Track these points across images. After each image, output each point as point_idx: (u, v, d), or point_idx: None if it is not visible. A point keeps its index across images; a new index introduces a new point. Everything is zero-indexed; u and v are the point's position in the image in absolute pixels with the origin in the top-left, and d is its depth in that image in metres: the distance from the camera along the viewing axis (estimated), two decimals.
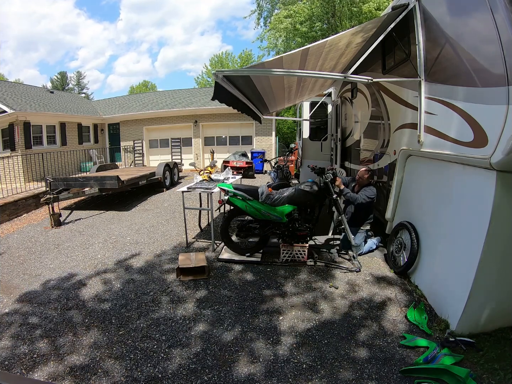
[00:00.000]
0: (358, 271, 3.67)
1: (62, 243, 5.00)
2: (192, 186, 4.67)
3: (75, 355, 2.46)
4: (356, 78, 3.49)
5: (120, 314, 2.98)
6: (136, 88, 36.66)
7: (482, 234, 2.40)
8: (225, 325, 2.79)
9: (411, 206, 3.64)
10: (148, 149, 15.03)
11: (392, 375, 2.22)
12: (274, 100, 6.16)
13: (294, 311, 2.97)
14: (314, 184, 3.97)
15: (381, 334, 2.65)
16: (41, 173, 9.03)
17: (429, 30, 3.19)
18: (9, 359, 2.42)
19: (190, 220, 5.69)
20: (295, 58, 3.47)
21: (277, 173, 7.50)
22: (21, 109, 11.00)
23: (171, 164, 9.74)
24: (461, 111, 2.65)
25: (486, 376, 2.17)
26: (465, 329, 2.53)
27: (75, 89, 36.50)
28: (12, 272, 4.02)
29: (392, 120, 4.16)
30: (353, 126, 6.12)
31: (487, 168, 2.38)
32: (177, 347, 2.52)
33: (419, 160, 3.50)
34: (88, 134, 14.64)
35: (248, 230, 4.20)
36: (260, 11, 17.60)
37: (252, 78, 3.81)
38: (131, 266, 4.02)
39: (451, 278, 2.78)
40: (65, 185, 6.87)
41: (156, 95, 18.07)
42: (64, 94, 19.10)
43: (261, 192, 3.97)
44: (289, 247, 3.97)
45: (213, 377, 2.23)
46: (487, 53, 2.42)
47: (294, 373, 2.26)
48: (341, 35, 3.40)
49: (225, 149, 14.14)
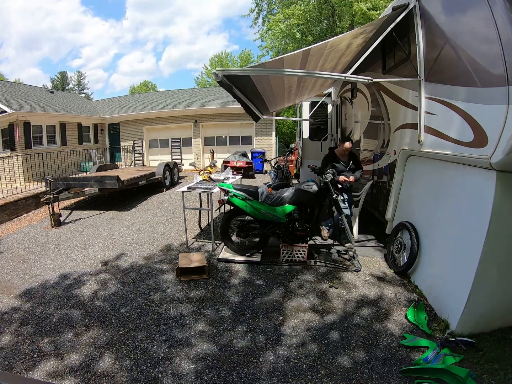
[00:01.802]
0: (358, 271, 3.67)
1: (62, 243, 5.00)
2: (192, 186, 4.67)
3: (75, 355, 2.46)
4: (356, 78, 3.49)
5: (120, 314, 2.98)
6: (137, 88, 36.70)
7: (482, 234, 2.40)
8: (225, 325, 2.79)
9: (411, 206, 3.63)
10: (148, 149, 15.02)
11: (392, 375, 2.22)
12: (274, 100, 6.16)
13: (294, 311, 2.97)
14: (314, 184, 3.97)
15: (381, 334, 2.64)
16: (41, 173, 9.02)
17: (429, 30, 3.19)
18: (9, 358, 2.42)
19: (190, 220, 5.69)
20: (296, 58, 3.47)
21: (277, 173, 7.50)
22: (21, 109, 10.99)
23: (171, 164, 9.73)
24: (461, 111, 2.65)
25: (486, 376, 2.17)
26: (465, 329, 2.53)
27: (76, 89, 36.51)
28: (12, 272, 4.02)
29: (392, 120, 4.16)
30: (353, 126, 6.13)
31: (487, 168, 2.38)
32: (177, 347, 2.52)
33: (419, 160, 3.50)
34: (88, 134, 14.64)
35: (248, 230, 4.21)
36: (259, 10, 17.62)
37: (252, 78, 3.81)
38: (131, 266, 4.02)
39: (451, 278, 2.78)
40: (65, 185, 6.86)
41: (156, 95, 18.07)
42: (64, 94, 19.10)
43: (261, 192, 3.97)
44: (289, 247, 3.97)
45: (213, 377, 2.23)
46: (487, 53, 2.42)
47: (294, 373, 2.26)
48: (342, 37, 3.40)
49: (225, 149, 14.14)
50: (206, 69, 31.32)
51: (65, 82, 36.51)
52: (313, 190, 3.91)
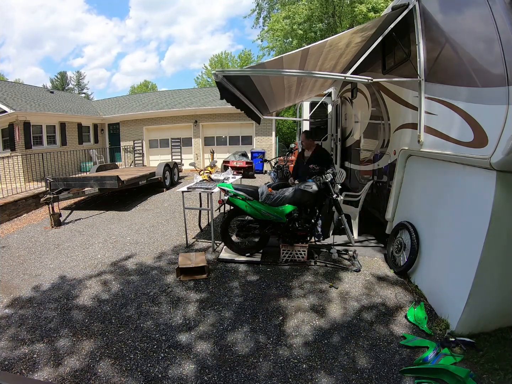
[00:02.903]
0: (358, 271, 3.67)
1: (62, 243, 5.00)
2: (192, 186, 4.67)
3: (75, 355, 2.45)
4: (356, 78, 3.49)
5: (120, 314, 2.98)
6: (137, 88, 36.70)
7: (482, 234, 2.40)
8: (225, 325, 2.79)
9: (411, 206, 3.63)
10: (148, 149, 15.03)
11: (392, 375, 2.22)
12: (274, 100, 6.16)
13: (294, 311, 2.97)
14: (314, 184, 3.97)
15: (381, 334, 2.64)
16: (41, 173, 9.03)
17: (429, 30, 3.18)
18: (9, 359, 2.42)
19: (190, 220, 5.69)
20: (295, 58, 3.47)
21: (277, 173, 7.52)
22: (21, 109, 11.00)
23: (171, 164, 9.74)
24: (461, 111, 2.65)
25: (486, 376, 2.16)
26: (465, 329, 2.53)
27: (75, 89, 36.54)
28: (12, 272, 4.02)
29: (392, 120, 4.16)
30: (353, 126, 6.12)
31: (487, 168, 2.38)
32: (177, 347, 2.52)
33: (419, 160, 3.50)
34: (88, 134, 14.65)
35: (248, 230, 4.20)
36: (260, 10, 17.64)
37: (252, 78, 3.81)
38: (131, 266, 4.02)
39: (451, 278, 2.77)
40: (65, 185, 6.87)
41: (156, 95, 18.08)
42: (64, 94, 19.11)
43: (261, 192, 3.97)
44: (289, 247, 3.97)
45: (213, 377, 2.23)
46: (487, 53, 2.42)
47: (294, 373, 2.26)
48: (341, 35, 3.40)
49: (225, 149, 14.15)
50: (206, 69, 31.34)
51: (64, 82, 36.55)
52: (313, 190, 3.91)
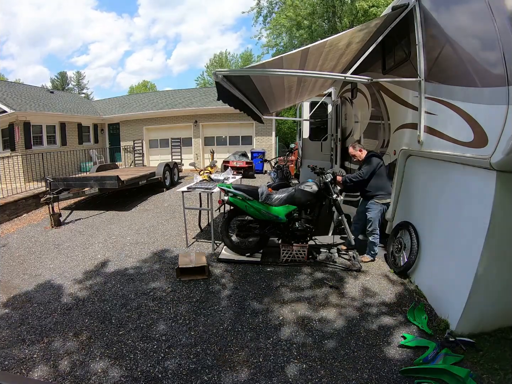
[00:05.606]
0: (358, 271, 3.67)
1: (62, 243, 5.00)
2: (192, 186, 4.67)
3: (75, 355, 2.45)
4: (356, 78, 3.49)
5: (120, 314, 2.98)
6: (136, 88, 36.69)
7: (482, 234, 2.40)
8: (225, 325, 2.79)
9: (411, 206, 3.63)
10: (148, 149, 15.01)
11: (392, 375, 2.22)
12: (274, 100, 6.16)
13: (294, 311, 2.97)
14: (314, 184, 3.97)
15: (381, 334, 2.64)
16: (41, 173, 9.01)
17: (429, 30, 3.19)
18: (9, 358, 2.42)
19: (190, 220, 5.69)
20: (295, 58, 3.46)
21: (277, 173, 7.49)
22: (21, 109, 10.99)
23: (171, 164, 9.73)
24: (461, 111, 2.65)
25: (486, 376, 2.17)
26: (465, 329, 2.53)
27: (75, 89, 36.52)
28: (12, 272, 4.02)
29: (392, 120, 4.16)
30: (353, 126, 6.12)
31: (487, 168, 2.38)
32: (177, 347, 2.52)
33: (419, 160, 3.50)
34: (88, 134, 14.63)
35: (248, 230, 4.20)
36: (260, 9, 17.64)
37: (252, 78, 3.80)
38: (131, 266, 4.02)
39: (451, 278, 2.77)
40: (65, 185, 6.86)
41: (156, 95, 18.07)
42: (64, 94, 19.09)
43: (261, 192, 3.97)
44: (289, 247, 3.97)
45: (213, 377, 2.23)
46: (487, 53, 2.42)
47: (294, 373, 2.26)
48: (341, 35, 3.39)
49: (225, 149, 14.13)
50: (207, 69, 31.35)
51: (65, 82, 36.54)
52: (313, 190, 3.91)
